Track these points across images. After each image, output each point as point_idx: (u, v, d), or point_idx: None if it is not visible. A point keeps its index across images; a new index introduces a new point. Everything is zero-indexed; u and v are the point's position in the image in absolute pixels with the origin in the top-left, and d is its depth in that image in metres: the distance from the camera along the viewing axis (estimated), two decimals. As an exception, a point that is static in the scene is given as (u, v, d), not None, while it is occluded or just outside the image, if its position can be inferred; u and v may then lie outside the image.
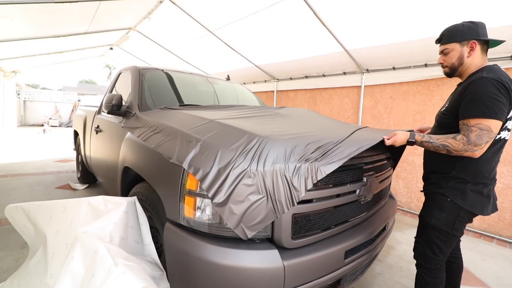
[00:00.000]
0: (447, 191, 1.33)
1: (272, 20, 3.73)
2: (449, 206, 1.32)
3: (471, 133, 1.18)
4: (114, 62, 9.28)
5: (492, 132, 1.17)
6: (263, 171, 1.08)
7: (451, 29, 1.35)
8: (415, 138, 1.32)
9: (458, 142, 1.21)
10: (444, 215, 1.33)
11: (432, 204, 1.39)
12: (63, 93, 16.41)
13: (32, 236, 1.62)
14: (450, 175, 1.33)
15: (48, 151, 6.69)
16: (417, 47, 3.25)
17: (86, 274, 1.13)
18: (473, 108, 1.20)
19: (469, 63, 1.33)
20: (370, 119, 4.25)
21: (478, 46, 1.30)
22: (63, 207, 1.47)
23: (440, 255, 1.38)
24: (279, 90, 5.87)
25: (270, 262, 1.07)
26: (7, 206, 1.64)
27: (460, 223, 1.32)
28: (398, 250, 2.59)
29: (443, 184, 1.35)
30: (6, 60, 6.33)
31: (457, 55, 1.34)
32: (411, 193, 3.74)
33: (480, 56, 1.32)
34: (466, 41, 1.31)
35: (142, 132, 1.67)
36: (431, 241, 1.38)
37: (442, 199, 1.34)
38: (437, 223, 1.34)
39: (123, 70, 2.76)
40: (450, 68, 1.39)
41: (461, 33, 1.32)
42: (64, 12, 3.74)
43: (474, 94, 1.21)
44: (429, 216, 1.39)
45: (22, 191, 3.50)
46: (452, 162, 1.32)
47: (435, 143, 1.26)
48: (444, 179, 1.35)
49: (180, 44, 5.56)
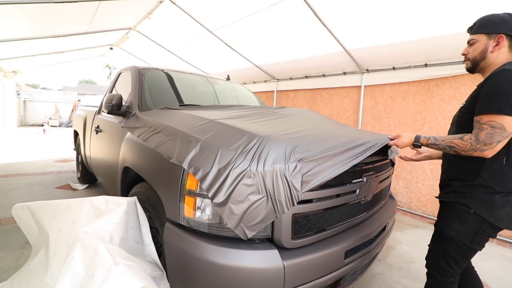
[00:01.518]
0: (471, 202, 1.17)
1: (272, 20, 3.73)
2: (471, 218, 1.17)
3: (482, 131, 1.08)
4: (114, 62, 9.28)
5: (506, 131, 1.05)
6: (263, 171, 1.08)
7: (485, 18, 1.23)
8: (420, 141, 1.27)
9: (465, 143, 1.12)
10: (464, 227, 1.19)
11: (451, 214, 1.25)
12: (63, 93, 16.41)
13: (36, 237, 1.63)
14: (476, 183, 1.17)
15: (48, 151, 6.69)
16: (417, 47, 3.25)
17: (86, 274, 1.13)
18: (487, 104, 1.09)
19: (492, 59, 1.20)
20: (370, 119, 4.25)
21: (506, 41, 1.16)
22: (67, 207, 1.48)
23: (455, 268, 1.25)
24: (279, 90, 5.88)
25: (270, 262, 1.07)
26: (15, 206, 1.66)
27: (482, 236, 1.18)
28: (398, 250, 2.59)
29: (468, 194, 1.19)
30: (6, 60, 6.33)
31: (481, 47, 1.22)
32: (411, 193, 3.74)
33: (506, 53, 1.18)
34: (495, 34, 1.18)
35: (142, 132, 1.67)
36: (446, 252, 1.25)
37: (464, 210, 1.19)
38: (455, 236, 1.21)
39: (123, 70, 2.76)
40: (472, 62, 1.27)
41: (492, 24, 1.19)
42: (64, 12, 3.74)
43: (491, 87, 1.10)
44: (446, 227, 1.26)
45: (22, 191, 3.50)
46: (478, 168, 1.17)
47: (441, 145, 1.19)
48: (468, 187, 1.20)
49: (180, 44, 5.56)
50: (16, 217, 1.67)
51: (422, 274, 2.19)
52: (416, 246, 2.69)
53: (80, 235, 1.23)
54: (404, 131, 3.80)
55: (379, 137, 1.47)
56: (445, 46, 3.06)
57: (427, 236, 2.92)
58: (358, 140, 1.35)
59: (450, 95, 3.35)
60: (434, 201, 3.47)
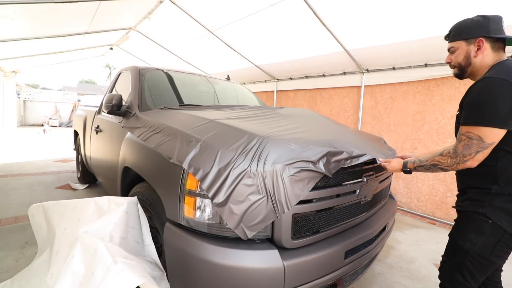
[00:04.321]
0: (489, 211, 1.08)
1: (272, 20, 3.73)
2: (489, 229, 1.08)
3: (460, 143, 1.07)
4: (114, 62, 9.28)
5: (484, 142, 1.02)
6: (263, 171, 1.08)
7: (459, 25, 1.22)
8: (407, 166, 1.25)
9: (445, 157, 1.11)
10: (482, 239, 1.10)
11: (468, 224, 1.15)
12: (63, 93, 16.41)
13: (43, 238, 1.69)
14: (493, 191, 1.09)
15: (48, 151, 6.69)
16: (417, 47, 3.25)
17: (86, 272, 1.13)
18: (466, 114, 1.08)
19: (478, 63, 1.17)
20: (370, 119, 4.25)
21: (487, 44, 1.14)
22: (74, 206, 1.53)
23: (472, 281, 1.15)
24: (279, 90, 5.88)
25: (270, 262, 1.07)
26: (32, 205, 1.74)
27: (502, 249, 1.09)
28: (398, 250, 2.59)
29: (486, 203, 1.10)
30: (6, 60, 6.33)
31: (463, 54, 1.19)
32: (411, 193, 3.75)
33: (491, 55, 1.15)
34: (473, 39, 1.15)
35: (142, 132, 1.67)
36: (462, 265, 1.15)
37: (481, 220, 1.10)
38: (472, 248, 1.11)
39: (123, 70, 2.76)
40: (458, 68, 1.24)
41: (468, 30, 1.17)
42: (64, 12, 3.74)
43: (471, 97, 1.08)
44: (462, 238, 1.15)
45: (22, 191, 3.50)
46: (493, 175, 1.09)
47: (426, 165, 1.18)
48: (486, 195, 1.11)
49: (180, 44, 5.56)
50: (31, 216, 1.74)
51: (422, 274, 2.19)
52: (416, 246, 2.69)
53: (80, 235, 1.24)
54: (404, 131, 3.80)
55: (372, 150, 1.51)
56: (445, 46, 3.04)
57: (427, 236, 2.93)
58: (353, 148, 1.38)
59: (450, 95, 3.35)
60: (434, 201, 3.47)
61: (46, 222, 1.65)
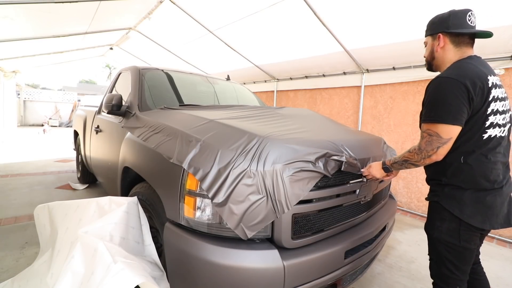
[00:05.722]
0: (442, 199, 1.18)
1: (272, 20, 3.73)
2: (448, 215, 1.16)
3: (422, 139, 1.13)
4: (114, 62, 9.28)
5: (442, 138, 1.08)
6: (263, 171, 1.09)
7: (430, 20, 1.27)
8: (386, 164, 1.29)
9: (412, 154, 1.16)
10: (445, 225, 1.17)
11: (432, 214, 1.25)
12: (63, 93, 16.40)
13: (46, 239, 1.70)
14: (443, 182, 1.19)
15: (48, 151, 6.69)
16: (417, 47, 3.25)
17: (86, 272, 1.13)
18: (425, 112, 1.15)
19: (440, 58, 1.23)
20: (370, 119, 4.25)
21: (446, 39, 1.19)
22: (77, 206, 1.54)
23: (457, 272, 1.18)
24: (279, 90, 5.88)
25: (270, 262, 1.07)
26: (38, 206, 1.75)
27: (467, 233, 1.14)
28: (398, 250, 2.59)
29: (439, 192, 1.21)
30: (6, 60, 6.34)
31: (429, 49, 1.27)
32: (411, 193, 3.74)
33: (453, 50, 1.19)
34: (436, 34, 1.22)
35: (142, 132, 1.67)
36: (442, 256, 1.21)
37: (440, 207, 1.19)
38: (440, 235, 1.19)
39: (123, 70, 2.76)
40: (426, 62, 1.33)
41: (432, 25, 1.24)
42: (64, 12, 3.74)
43: (427, 96, 1.15)
44: (430, 227, 1.25)
45: (22, 191, 3.50)
46: (442, 168, 1.18)
47: (399, 162, 1.22)
48: (439, 186, 1.22)
49: (180, 44, 5.56)
50: (36, 217, 1.76)
51: (422, 274, 2.19)
52: (416, 246, 2.69)
53: (80, 235, 1.24)
54: (404, 131, 3.80)
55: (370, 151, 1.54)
56: (445, 46, 3.05)
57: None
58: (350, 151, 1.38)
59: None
60: (434, 201, 3.47)
61: (50, 222, 1.66)
